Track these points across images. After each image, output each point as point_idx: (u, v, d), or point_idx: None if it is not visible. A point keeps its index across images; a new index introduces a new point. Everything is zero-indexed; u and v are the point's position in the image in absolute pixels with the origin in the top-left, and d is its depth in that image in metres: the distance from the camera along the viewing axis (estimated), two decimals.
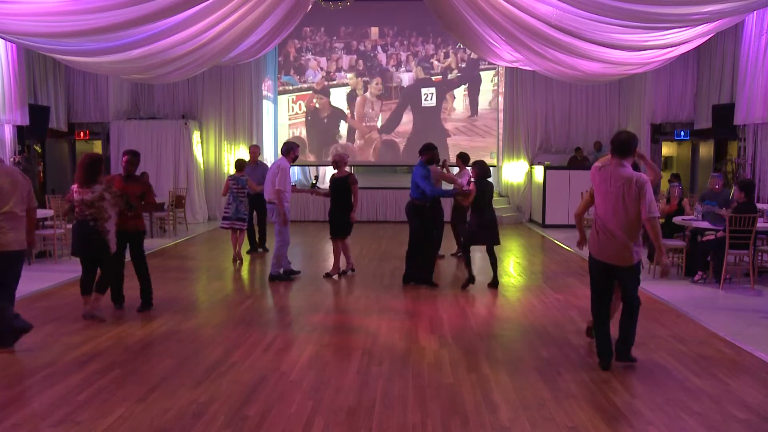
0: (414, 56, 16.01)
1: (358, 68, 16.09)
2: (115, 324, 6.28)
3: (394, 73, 16.05)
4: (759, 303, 7.39)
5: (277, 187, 8.17)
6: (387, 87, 16.09)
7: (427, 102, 16.07)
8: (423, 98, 16.05)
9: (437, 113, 16.05)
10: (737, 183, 8.64)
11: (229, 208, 9.60)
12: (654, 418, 4.11)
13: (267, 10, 9.55)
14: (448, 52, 15.97)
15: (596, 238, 5.00)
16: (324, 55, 16.13)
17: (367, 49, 16.08)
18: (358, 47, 16.10)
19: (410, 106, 16.07)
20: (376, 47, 16.08)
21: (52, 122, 13.34)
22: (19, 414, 4.14)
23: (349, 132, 16.16)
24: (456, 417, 4.12)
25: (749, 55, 10.71)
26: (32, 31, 7.79)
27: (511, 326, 6.37)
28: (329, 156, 15.60)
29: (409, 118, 16.07)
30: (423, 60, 16.01)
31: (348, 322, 6.49)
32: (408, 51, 16.04)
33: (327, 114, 16.20)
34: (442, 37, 15.75)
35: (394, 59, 16.05)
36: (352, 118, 16.13)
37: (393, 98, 16.09)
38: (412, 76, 16.05)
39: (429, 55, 16.01)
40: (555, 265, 9.78)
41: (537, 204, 14.96)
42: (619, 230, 4.84)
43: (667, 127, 14.58)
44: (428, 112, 16.05)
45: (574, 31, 8.86)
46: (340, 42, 16.08)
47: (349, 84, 16.09)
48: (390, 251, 11.00)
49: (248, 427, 3.96)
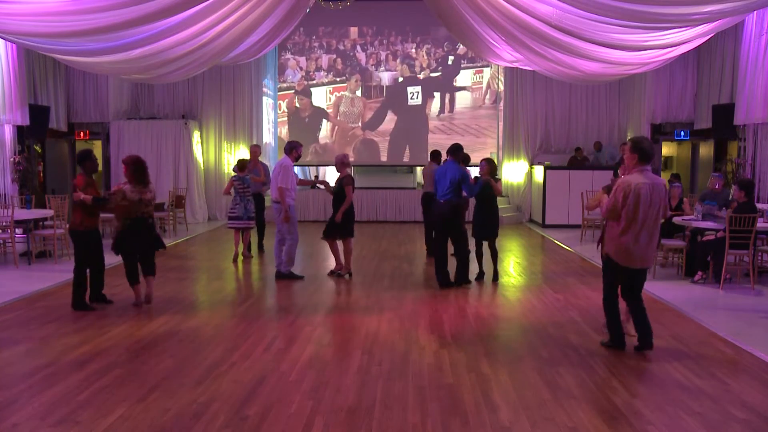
0: (393, 55, 16.03)
1: (337, 67, 16.12)
2: (115, 324, 6.29)
3: (374, 72, 16.08)
4: (759, 303, 7.39)
5: (279, 184, 8.17)
6: (367, 86, 16.12)
7: (413, 100, 16.14)
8: (409, 97, 16.13)
9: (422, 112, 16.14)
10: (737, 182, 8.64)
11: (237, 209, 9.57)
12: (654, 418, 4.12)
13: (267, 10, 9.55)
14: (430, 50, 16.00)
15: (636, 245, 5.21)
16: (303, 54, 16.18)
17: (347, 48, 16.13)
18: (337, 46, 16.13)
19: (394, 106, 16.14)
20: (356, 46, 16.13)
21: (52, 122, 13.35)
22: (19, 414, 4.15)
23: (330, 131, 16.22)
24: (456, 417, 4.12)
25: (749, 55, 10.71)
26: (32, 31, 7.79)
27: (511, 326, 6.37)
28: (308, 156, 15.70)
29: (391, 117, 16.14)
30: (406, 58, 16.03)
31: (348, 322, 6.49)
32: (387, 50, 16.07)
33: (308, 114, 16.24)
34: (422, 36, 15.89)
35: (373, 58, 16.09)
36: (334, 117, 16.18)
37: (374, 97, 16.13)
38: (393, 75, 16.09)
39: (410, 54, 16.03)
40: (555, 265, 9.78)
41: (537, 204, 14.95)
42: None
43: (667, 127, 14.57)
44: (413, 111, 16.13)
45: (574, 31, 8.86)
46: (319, 41, 16.12)
47: (328, 83, 16.12)
48: (390, 251, 11.00)
49: (248, 427, 3.96)
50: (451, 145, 8.22)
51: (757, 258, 8.46)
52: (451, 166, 7.96)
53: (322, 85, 16.21)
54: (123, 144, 14.55)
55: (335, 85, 16.24)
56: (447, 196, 7.88)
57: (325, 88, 16.20)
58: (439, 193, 7.97)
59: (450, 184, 7.84)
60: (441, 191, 7.93)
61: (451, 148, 8.15)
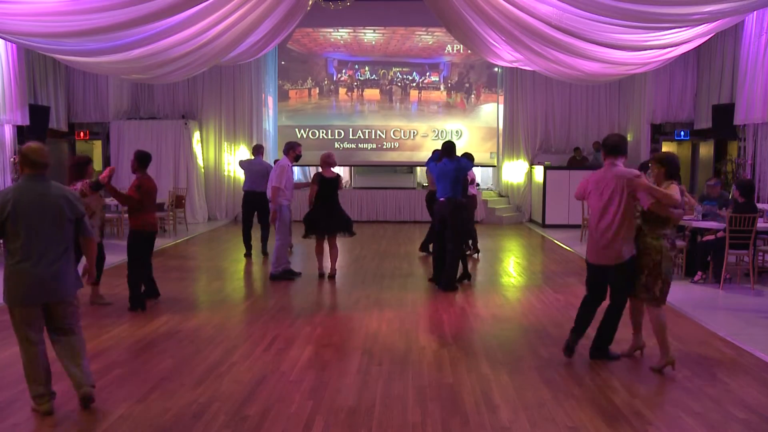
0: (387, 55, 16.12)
1: (338, 67, 16.17)
2: (115, 324, 6.29)
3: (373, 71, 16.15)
4: (759, 303, 7.39)
5: (274, 184, 8.17)
6: (368, 86, 16.16)
7: (404, 101, 16.22)
8: (410, 96, 16.18)
9: (416, 110, 16.21)
10: (736, 183, 8.64)
11: None
12: (654, 418, 4.12)
13: (267, 10, 9.55)
14: (414, 46, 16.07)
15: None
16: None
17: (347, 48, 16.19)
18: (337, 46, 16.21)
19: (394, 105, 16.15)
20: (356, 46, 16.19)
21: (52, 122, 13.34)
22: (19, 414, 4.15)
23: (330, 132, 16.28)
24: (456, 417, 4.12)
25: (749, 55, 10.70)
26: (32, 31, 7.78)
27: (511, 326, 6.37)
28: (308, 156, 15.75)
29: (392, 117, 16.16)
30: (396, 55, 16.09)
31: (348, 322, 6.49)
32: (387, 50, 16.12)
33: (309, 113, 16.29)
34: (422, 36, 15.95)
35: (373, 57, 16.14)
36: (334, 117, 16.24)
37: (366, 96, 16.20)
38: (393, 75, 16.15)
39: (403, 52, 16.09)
40: (555, 265, 9.78)
41: (537, 204, 14.96)
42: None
43: (667, 127, 14.58)
44: (406, 110, 16.20)
45: (574, 31, 8.86)
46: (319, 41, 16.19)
47: (329, 83, 16.22)
48: (390, 251, 11.00)
49: (248, 427, 3.96)
50: (444, 144, 8.05)
51: (757, 258, 8.47)
52: (462, 163, 7.96)
53: (322, 85, 16.24)
54: (123, 144, 14.54)
55: (336, 85, 16.28)
56: (449, 194, 7.86)
57: (326, 88, 16.24)
58: (439, 192, 7.96)
59: (451, 182, 7.84)
60: (441, 190, 7.93)
61: (446, 147, 8.02)
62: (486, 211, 15.32)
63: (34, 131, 12.37)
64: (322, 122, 16.28)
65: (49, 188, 4.15)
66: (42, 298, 4.08)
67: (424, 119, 16.26)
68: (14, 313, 4.09)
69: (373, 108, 16.35)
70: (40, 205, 4.07)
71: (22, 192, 4.06)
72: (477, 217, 14.87)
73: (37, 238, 4.04)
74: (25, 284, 4.02)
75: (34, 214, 4.04)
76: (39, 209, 4.06)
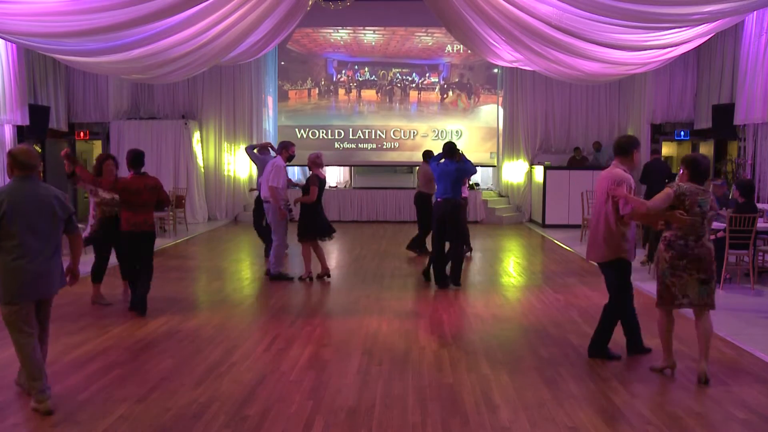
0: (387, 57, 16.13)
1: (338, 67, 16.17)
2: (115, 324, 6.28)
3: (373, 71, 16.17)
4: (759, 303, 7.39)
5: (270, 183, 8.18)
6: (358, 83, 16.19)
7: (403, 101, 16.22)
8: (399, 97, 16.22)
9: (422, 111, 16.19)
10: (736, 183, 8.64)
11: None
12: (654, 418, 4.11)
13: (267, 10, 9.54)
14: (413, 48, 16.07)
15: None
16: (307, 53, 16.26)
17: (347, 47, 16.19)
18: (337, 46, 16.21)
19: (394, 105, 16.15)
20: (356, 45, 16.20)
21: (52, 122, 13.32)
22: (19, 414, 4.15)
23: (330, 132, 16.29)
24: (456, 417, 4.12)
25: (749, 55, 10.70)
26: (32, 31, 7.78)
27: (511, 326, 6.37)
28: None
29: (391, 117, 16.17)
30: (395, 56, 16.10)
31: (348, 322, 6.49)
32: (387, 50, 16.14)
33: (308, 113, 16.28)
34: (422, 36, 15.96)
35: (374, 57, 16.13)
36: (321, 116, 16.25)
37: (364, 97, 16.20)
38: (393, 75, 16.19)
39: (404, 53, 16.09)
40: (555, 265, 9.78)
41: (537, 204, 14.95)
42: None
43: (667, 127, 14.57)
44: (406, 111, 16.19)
45: (574, 31, 8.85)
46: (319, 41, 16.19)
47: (329, 83, 16.23)
48: (390, 251, 10.99)
49: (248, 427, 3.96)
50: (445, 145, 8.06)
51: (757, 258, 8.46)
52: (465, 164, 7.95)
53: (321, 85, 16.24)
54: (123, 144, 14.50)
55: (336, 85, 16.29)
56: (449, 195, 7.87)
57: (326, 87, 16.24)
58: (438, 192, 7.97)
59: (451, 183, 7.84)
60: (441, 190, 7.93)
61: (447, 148, 8.03)
62: (486, 211, 15.33)
63: (34, 131, 12.38)
64: (321, 122, 16.28)
65: (40, 189, 4.25)
66: (37, 294, 4.21)
67: (424, 119, 16.27)
68: (10, 309, 4.13)
69: (372, 108, 16.35)
70: (36, 205, 4.15)
71: (15, 192, 4.14)
72: (477, 218, 14.98)
73: (33, 237, 4.13)
74: (22, 280, 4.11)
75: (31, 213, 4.12)
76: (35, 208, 4.14)
